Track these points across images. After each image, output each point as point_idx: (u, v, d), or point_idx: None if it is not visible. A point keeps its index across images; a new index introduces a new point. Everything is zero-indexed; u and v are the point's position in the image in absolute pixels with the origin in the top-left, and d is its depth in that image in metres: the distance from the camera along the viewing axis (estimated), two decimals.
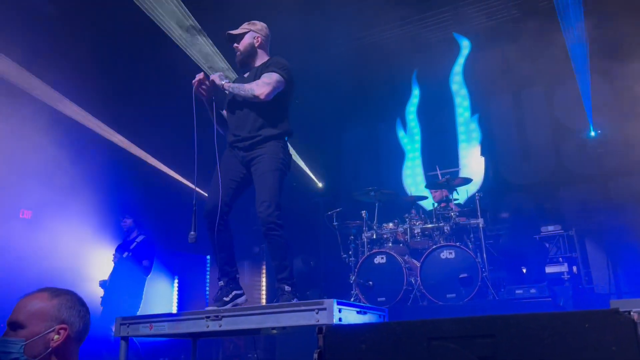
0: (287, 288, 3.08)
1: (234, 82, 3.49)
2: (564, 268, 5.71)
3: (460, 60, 8.16)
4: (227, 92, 3.37)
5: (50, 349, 1.69)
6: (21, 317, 1.68)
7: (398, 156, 8.44)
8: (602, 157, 6.67)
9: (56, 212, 6.24)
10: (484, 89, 7.86)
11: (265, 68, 3.35)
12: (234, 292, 3.21)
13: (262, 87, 3.19)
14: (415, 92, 8.57)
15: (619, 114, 6.41)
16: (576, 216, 6.44)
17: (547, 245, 6.06)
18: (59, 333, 1.71)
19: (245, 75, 3.52)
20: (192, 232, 3.09)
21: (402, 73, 8.47)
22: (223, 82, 3.31)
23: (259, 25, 3.55)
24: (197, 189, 3.40)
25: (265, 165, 3.23)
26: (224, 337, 6.05)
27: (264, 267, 8.17)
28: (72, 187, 6.22)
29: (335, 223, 6.19)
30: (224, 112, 3.54)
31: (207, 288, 7.83)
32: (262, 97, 3.18)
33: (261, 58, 3.51)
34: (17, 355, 1.64)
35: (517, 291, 4.85)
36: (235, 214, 3.42)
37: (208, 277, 7.84)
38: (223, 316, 2.81)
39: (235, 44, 3.49)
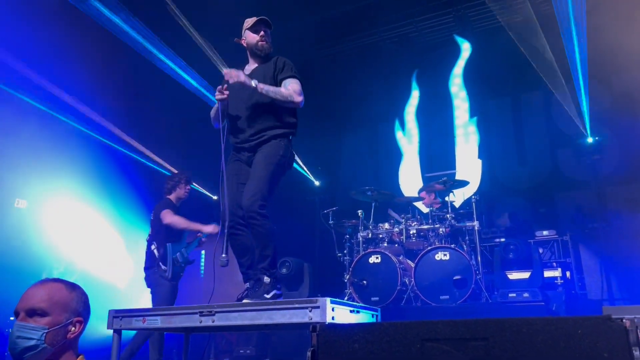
0: (265, 279, 3.07)
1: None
2: (557, 273, 5.73)
3: (461, 63, 8.17)
4: (253, 88, 3.21)
5: (66, 340, 1.74)
6: (43, 305, 1.71)
7: (396, 157, 8.45)
8: (598, 163, 6.69)
9: (51, 201, 6.24)
10: (483, 92, 7.88)
11: (282, 72, 3.35)
12: (274, 292, 3.13)
13: (299, 95, 3.26)
14: (415, 93, 8.58)
15: (616, 121, 6.43)
16: (571, 222, 6.46)
17: (541, 250, 6.09)
18: (75, 325, 1.77)
19: (251, 69, 3.47)
20: (223, 255, 3.09)
21: (403, 74, 8.48)
22: (255, 84, 3.20)
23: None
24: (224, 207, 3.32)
25: (261, 158, 3.22)
26: (216, 332, 6.05)
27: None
28: (67, 177, 6.21)
29: (331, 221, 6.20)
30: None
31: (201, 279, 7.83)
32: (299, 105, 3.28)
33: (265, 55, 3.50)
34: (38, 342, 1.67)
35: (510, 294, 4.87)
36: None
37: (202, 270, 7.85)
38: (216, 312, 2.81)
39: (268, 32, 3.47)
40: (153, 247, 4.97)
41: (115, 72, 6.61)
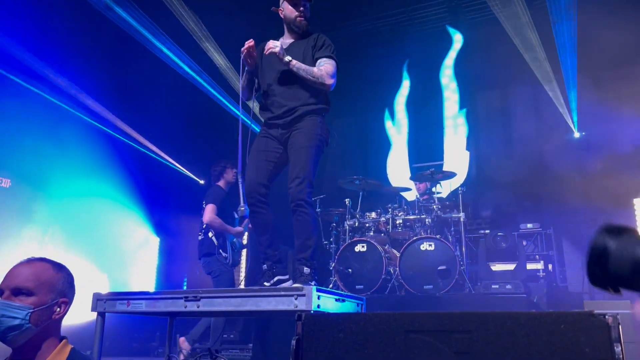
0: (305, 270, 3.01)
1: (261, 54, 3.32)
2: (540, 265, 5.82)
3: (452, 54, 8.16)
4: (286, 64, 3.16)
5: (50, 320, 1.72)
6: (30, 285, 1.69)
7: (385, 146, 8.45)
8: (584, 158, 6.76)
9: (35, 181, 6.15)
10: (473, 84, 7.89)
11: (319, 50, 3.29)
12: (277, 278, 3.13)
13: (330, 77, 3.19)
14: (406, 83, 8.56)
15: (603, 117, 6.49)
16: (555, 215, 6.54)
17: (525, 242, 6.17)
18: (60, 306, 1.75)
19: (288, 43, 3.39)
20: (242, 205, 3.04)
21: (394, 63, 8.44)
22: (289, 59, 3.13)
23: None
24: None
25: (302, 140, 3.15)
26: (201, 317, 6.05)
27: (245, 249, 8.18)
28: (52, 155, 6.12)
29: (318, 209, 6.20)
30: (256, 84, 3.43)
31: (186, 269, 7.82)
32: (328, 87, 3.20)
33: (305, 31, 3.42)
34: (22, 322, 1.65)
35: (493, 286, 4.93)
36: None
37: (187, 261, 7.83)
38: (201, 297, 2.81)
39: (307, 6, 3.38)
40: (211, 234, 5.07)
41: (106, 54, 6.53)
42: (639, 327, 3.81)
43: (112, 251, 6.98)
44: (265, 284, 3.12)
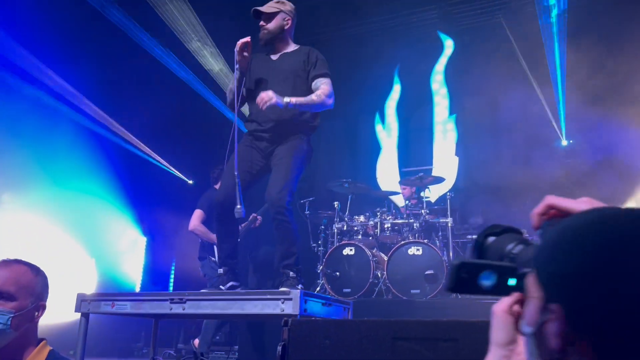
0: (291, 274, 3.03)
1: (251, 62, 3.35)
2: None
3: (443, 60, 8.21)
4: (286, 104, 3.09)
5: (29, 324, 1.71)
6: (11, 289, 1.67)
7: (375, 150, 8.47)
8: (571, 166, 6.83)
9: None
10: (463, 90, 7.93)
11: (314, 69, 3.26)
12: (231, 283, 3.17)
13: (329, 97, 3.19)
14: (397, 88, 8.59)
15: (589, 125, 6.57)
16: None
17: None
18: (38, 310, 1.75)
19: (274, 57, 3.40)
20: (238, 206, 3.02)
21: (385, 67, 8.47)
22: (288, 101, 3.06)
23: (289, 6, 3.41)
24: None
25: (286, 151, 3.17)
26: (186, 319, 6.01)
27: None
28: (38, 153, 6.03)
29: (307, 212, 6.19)
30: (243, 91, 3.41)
31: (173, 268, 7.77)
32: (330, 107, 3.24)
33: (288, 42, 3.40)
34: (4, 326, 1.64)
35: None
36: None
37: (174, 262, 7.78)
38: (187, 299, 2.79)
39: (263, 22, 3.33)
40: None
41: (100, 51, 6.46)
42: None
43: (98, 250, 6.90)
44: (221, 287, 3.15)
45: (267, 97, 3.02)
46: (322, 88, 3.20)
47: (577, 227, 0.58)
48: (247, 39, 3.21)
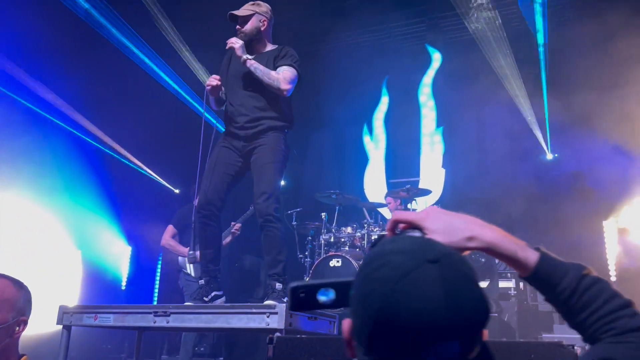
0: (277, 286, 3.00)
1: (230, 62, 3.38)
2: (511, 284, 5.89)
3: (431, 72, 8.28)
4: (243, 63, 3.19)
5: (10, 339, 1.68)
6: None
7: (362, 161, 8.49)
8: (556, 179, 6.91)
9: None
10: (450, 103, 8.00)
11: (281, 59, 3.27)
12: (214, 293, 3.13)
13: (288, 83, 3.15)
14: (385, 99, 8.64)
15: (574, 140, 6.65)
16: (526, 235, 6.63)
17: (497, 260, 6.22)
18: (19, 325, 1.72)
19: (250, 57, 3.42)
20: (191, 252, 3.01)
21: (373, 79, 8.52)
22: (246, 57, 3.15)
23: (265, 7, 3.42)
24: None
25: (267, 156, 3.15)
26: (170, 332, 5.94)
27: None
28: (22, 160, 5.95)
29: (294, 222, 6.17)
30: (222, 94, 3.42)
31: (157, 278, 7.67)
32: (285, 93, 3.16)
33: (265, 43, 3.41)
34: None
35: None
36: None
37: (158, 270, 7.70)
38: (171, 312, 2.75)
39: (239, 26, 3.34)
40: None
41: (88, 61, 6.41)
42: None
43: (83, 259, 6.81)
44: (205, 298, 3.11)
45: (235, 40, 3.18)
46: (284, 72, 3.21)
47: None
48: (217, 82, 3.25)
